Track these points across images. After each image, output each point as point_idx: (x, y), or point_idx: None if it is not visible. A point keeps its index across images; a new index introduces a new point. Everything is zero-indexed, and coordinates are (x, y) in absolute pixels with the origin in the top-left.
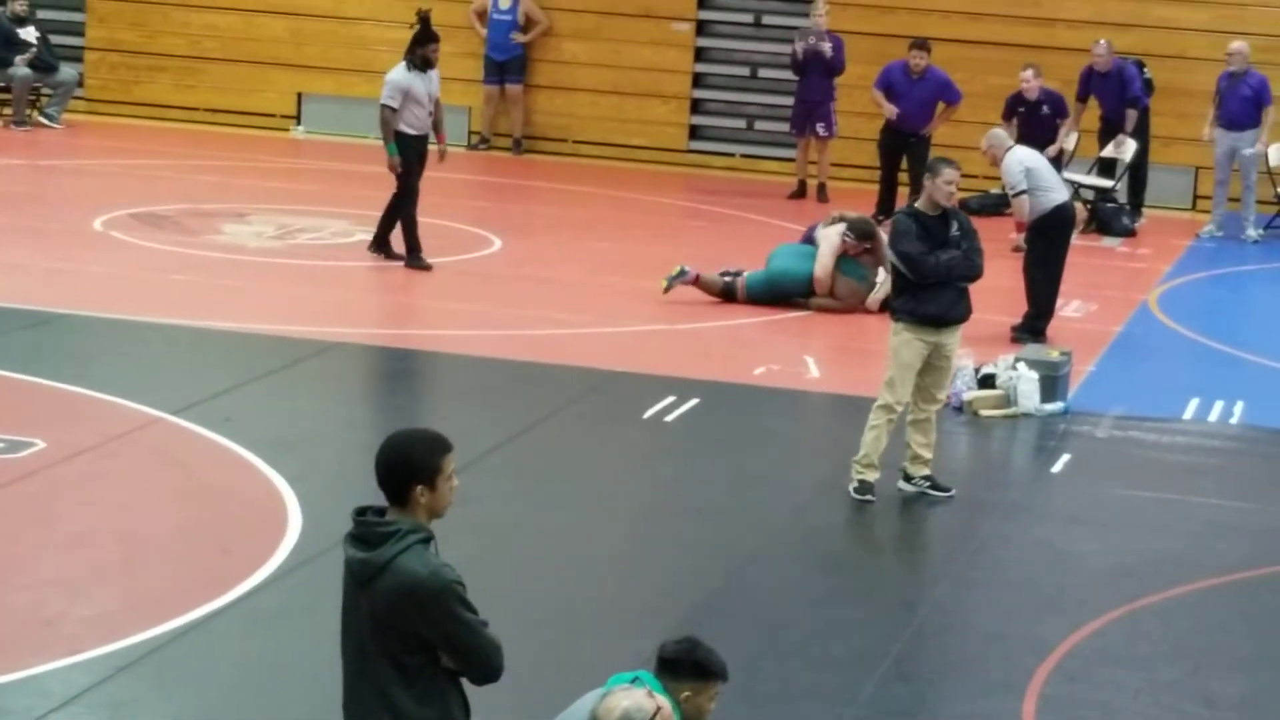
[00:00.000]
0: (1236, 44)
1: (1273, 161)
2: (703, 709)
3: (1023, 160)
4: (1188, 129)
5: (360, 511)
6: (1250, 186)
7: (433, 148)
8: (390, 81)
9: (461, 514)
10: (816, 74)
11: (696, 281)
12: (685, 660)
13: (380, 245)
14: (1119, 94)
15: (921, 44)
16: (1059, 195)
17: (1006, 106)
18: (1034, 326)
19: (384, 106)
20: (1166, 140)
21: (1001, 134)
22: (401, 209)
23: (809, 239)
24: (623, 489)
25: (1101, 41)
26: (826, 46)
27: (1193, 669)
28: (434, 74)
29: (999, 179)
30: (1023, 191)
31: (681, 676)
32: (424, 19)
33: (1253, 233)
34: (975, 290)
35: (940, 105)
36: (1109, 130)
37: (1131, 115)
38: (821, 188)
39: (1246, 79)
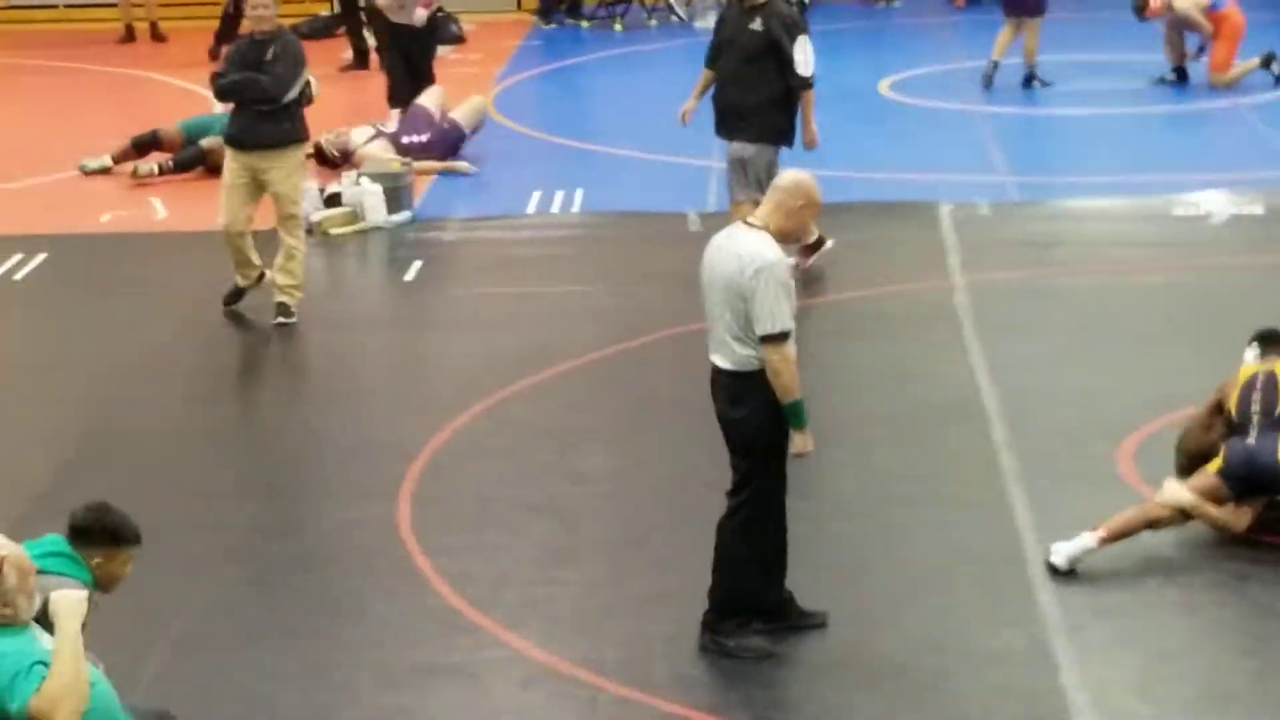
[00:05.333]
0: None
1: None
2: (116, 574)
3: None
4: None
5: None
6: None
7: None
8: None
9: None
10: None
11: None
12: (95, 527)
13: None
14: None
15: None
16: None
17: None
18: None
19: None
20: None
21: None
22: None
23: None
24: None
25: None
26: None
27: (560, 449)
28: None
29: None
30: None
31: (93, 543)
32: None
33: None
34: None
35: None
36: None
37: None
38: (154, 27)
39: None
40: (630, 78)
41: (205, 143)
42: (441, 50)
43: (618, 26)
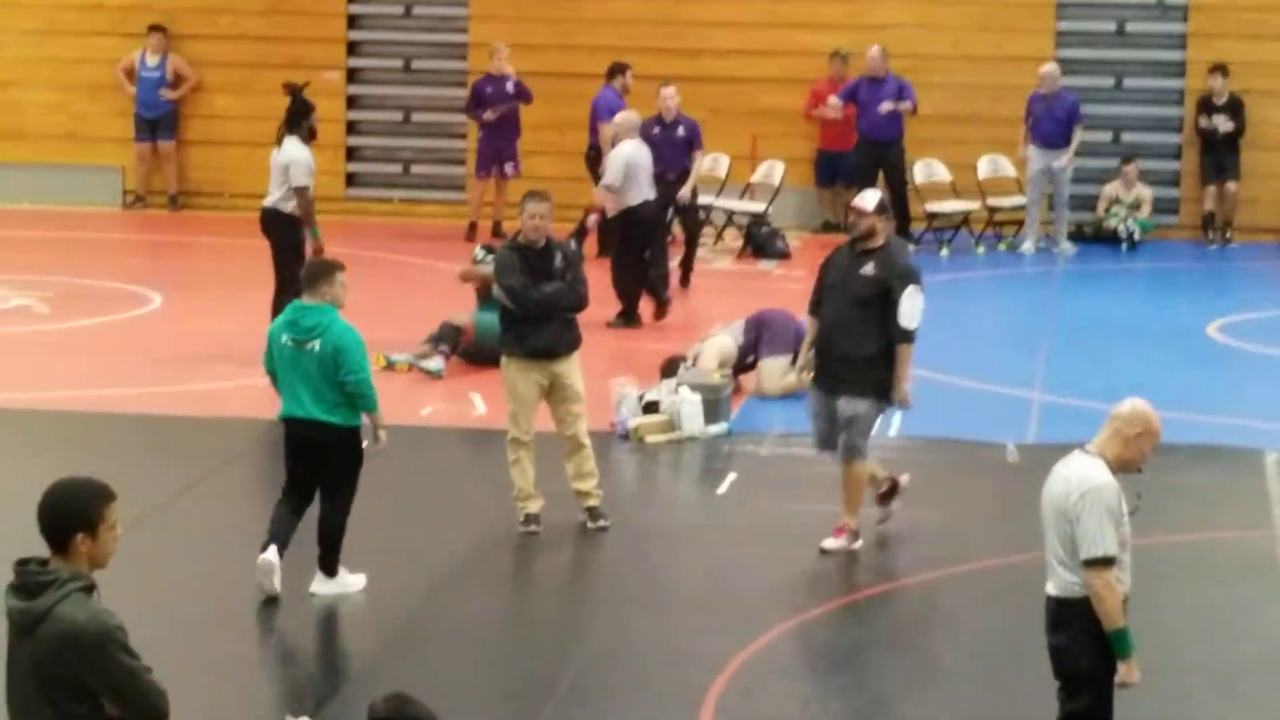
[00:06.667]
0: (1048, 66)
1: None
2: None
3: (626, 156)
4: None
5: (22, 562)
6: (1062, 204)
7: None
8: (302, 161)
9: (133, 569)
10: (508, 115)
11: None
12: (394, 718)
13: None
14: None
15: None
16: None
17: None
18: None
19: (303, 189)
20: None
21: (634, 118)
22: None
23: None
24: (296, 536)
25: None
26: (511, 85)
27: (862, 674)
28: None
29: None
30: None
31: None
32: (298, 89)
33: (1066, 246)
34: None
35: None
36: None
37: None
38: (497, 225)
39: (1059, 101)
40: (953, 303)
41: (459, 321)
42: (765, 265)
43: (944, 252)
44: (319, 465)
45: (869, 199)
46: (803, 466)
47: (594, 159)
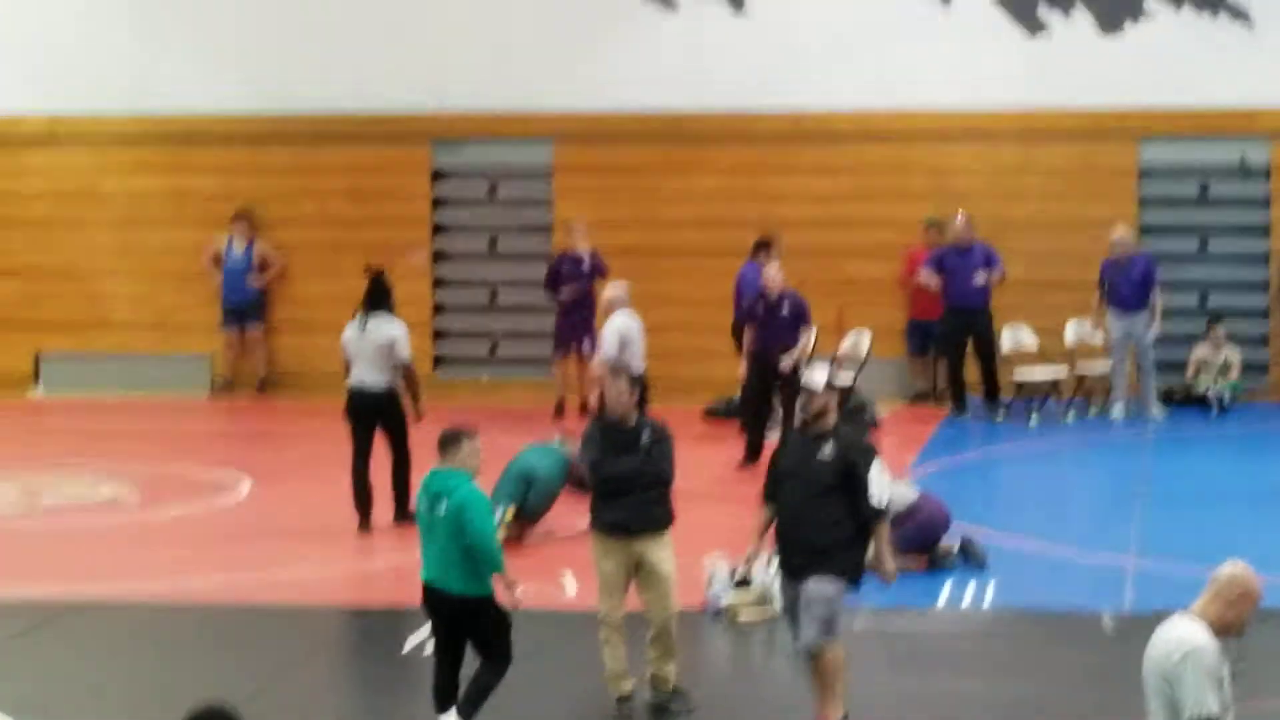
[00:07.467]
0: (1118, 232)
1: (1007, 346)
2: None
3: (620, 329)
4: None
5: None
6: (1148, 369)
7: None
8: (404, 337)
9: None
10: (585, 293)
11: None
12: None
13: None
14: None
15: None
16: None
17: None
18: None
19: (411, 363)
20: None
21: (621, 291)
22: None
23: None
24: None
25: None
26: (586, 262)
27: None
28: None
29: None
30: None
31: None
32: (379, 271)
33: (1156, 411)
34: (716, 494)
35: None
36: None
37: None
38: (585, 402)
39: (1133, 264)
40: (1045, 471)
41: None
42: None
43: (1033, 420)
44: (458, 631)
45: (818, 378)
46: (901, 641)
47: (738, 333)
